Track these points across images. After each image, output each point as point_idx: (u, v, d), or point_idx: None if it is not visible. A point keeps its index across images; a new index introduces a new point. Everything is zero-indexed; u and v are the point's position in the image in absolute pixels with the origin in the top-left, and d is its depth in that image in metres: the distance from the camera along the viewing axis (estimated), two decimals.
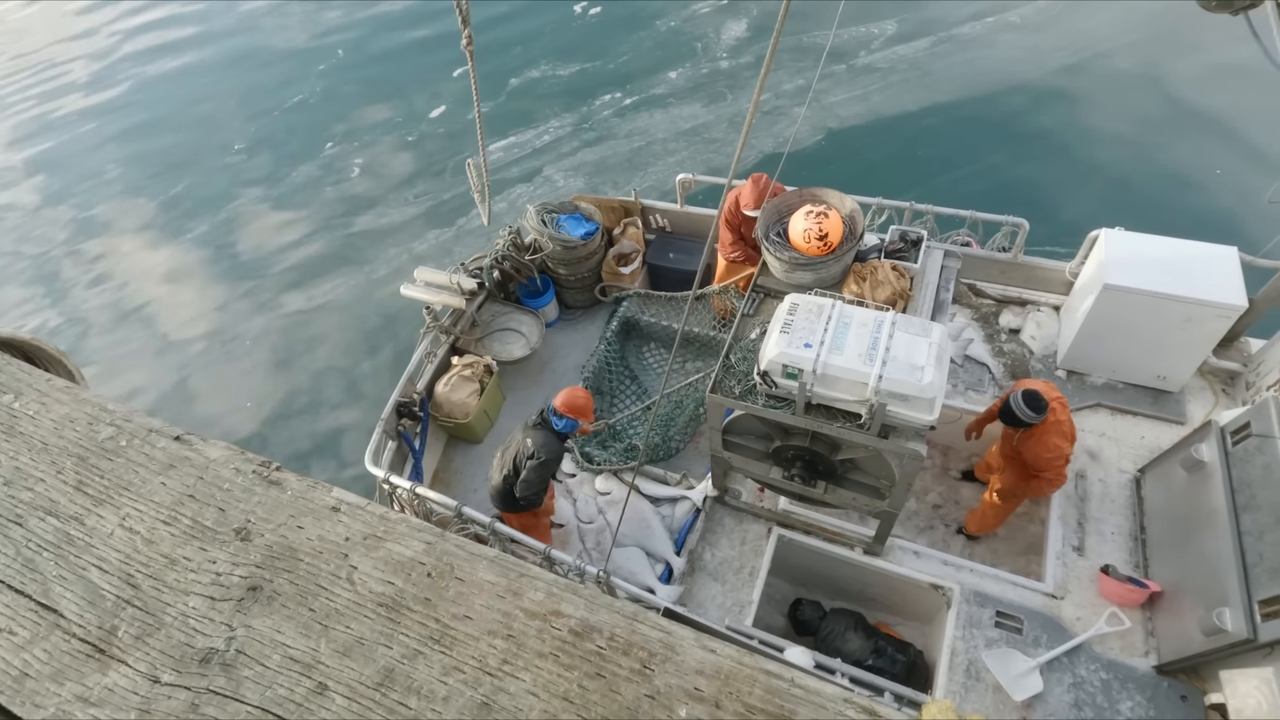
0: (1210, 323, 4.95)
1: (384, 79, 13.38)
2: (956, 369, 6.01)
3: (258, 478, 1.08)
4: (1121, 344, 5.38)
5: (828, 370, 3.82)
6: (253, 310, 10.19)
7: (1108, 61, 10.87)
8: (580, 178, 10.62)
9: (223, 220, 11.57)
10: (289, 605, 0.93)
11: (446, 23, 14.05)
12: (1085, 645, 4.52)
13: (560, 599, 0.87)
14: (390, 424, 5.75)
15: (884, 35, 11.84)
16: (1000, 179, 9.49)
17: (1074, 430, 4.72)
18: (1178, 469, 4.67)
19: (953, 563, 4.99)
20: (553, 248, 6.52)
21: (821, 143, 10.29)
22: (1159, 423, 5.49)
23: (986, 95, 10.62)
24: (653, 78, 11.96)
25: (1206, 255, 5.07)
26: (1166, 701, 4.27)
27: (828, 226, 4.49)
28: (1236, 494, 4.11)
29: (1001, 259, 6.14)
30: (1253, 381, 5.41)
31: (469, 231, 10.32)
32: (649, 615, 0.85)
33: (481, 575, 0.91)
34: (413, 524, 0.99)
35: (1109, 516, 5.10)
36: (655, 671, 0.80)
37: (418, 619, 0.88)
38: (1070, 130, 10.10)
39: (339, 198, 11.48)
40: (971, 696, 4.49)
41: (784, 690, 0.77)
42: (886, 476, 4.27)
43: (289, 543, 0.99)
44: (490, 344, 6.60)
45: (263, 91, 13.76)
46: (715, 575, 5.24)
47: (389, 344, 9.24)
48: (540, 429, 4.96)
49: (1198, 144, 9.57)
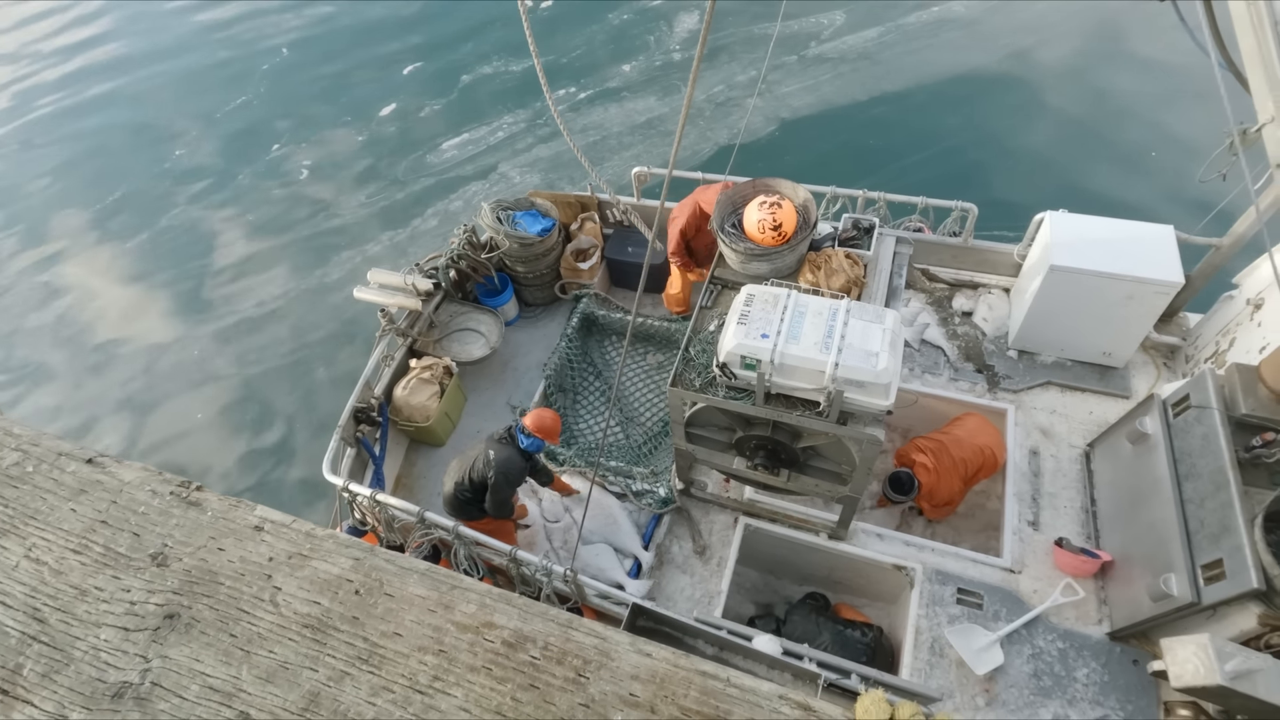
0: (1150, 299, 5.13)
1: (331, 77, 13.03)
2: (913, 353, 6.12)
3: (176, 499, 1.03)
4: (1069, 323, 5.54)
5: (785, 360, 3.84)
6: (198, 319, 9.85)
7: (1048, 49, 11.17)
8: (536, 174, 10.51)
9: (164, 228, 11.15)
10: (209, 632, 0.88)
11: (395, 19, 13.76)
12: (1042, 617, 4.66)
13: (493, 610, 0.85)
14: (348, 430, 5.61)
15: (833, 26, 11.96)
16: (949, 165, 9.69)
17: (980, 461, 5.05)
18: (1124, 442, 4.83)
19: (914, 543, 5.09)
20: (509, 245, 6.43)
21: (775, 133, 10.36)
22: (1106, 398, 5.67)
23: (933, 84, 10.82)
24: (606, 71, 11.89)
25: (1145, 235, 5.25)
26: (1119, 666, 4.44)
27: (781, 216, 4.51)
28: (1178, 464, 4.27)
29: (952, 244, 6.27)
30: (1191, 355, 5.63)
31: (424, 232, 10.14)
32: (583, 622, 0.83)
33: (412, 590, 0.88)
34: (340, 540, 0.95)
35: (1061, 491, 5.25)
36: (590, 679, 0.78)
37: (345, 639, 0.85)
38: (1014, 116, 10.36)
39: (287, 200, 11.16)
40: (936, 673, 4.59)
41: (719, 691, 0.76)
42: (847, 462, 4.32)
43: (209, 566, 0.94)
44: (449, 345, 6.49)
45: (203, 93, 13.28)
46: (683, 568, 5.25)
47: (344, 349, 9.03)
48: (505, 444, 4.91)
49: (1133, 127, 9.91)
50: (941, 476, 4.99)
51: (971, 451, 5.06)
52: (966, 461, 5.03)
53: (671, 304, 6.66)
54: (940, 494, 5.04)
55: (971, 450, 5.06)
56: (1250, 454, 3.92)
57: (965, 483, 5.11)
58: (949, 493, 5.05)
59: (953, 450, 5.05)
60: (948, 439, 5.16)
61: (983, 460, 5.08)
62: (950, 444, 5.09)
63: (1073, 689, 4.41)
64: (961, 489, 5.12)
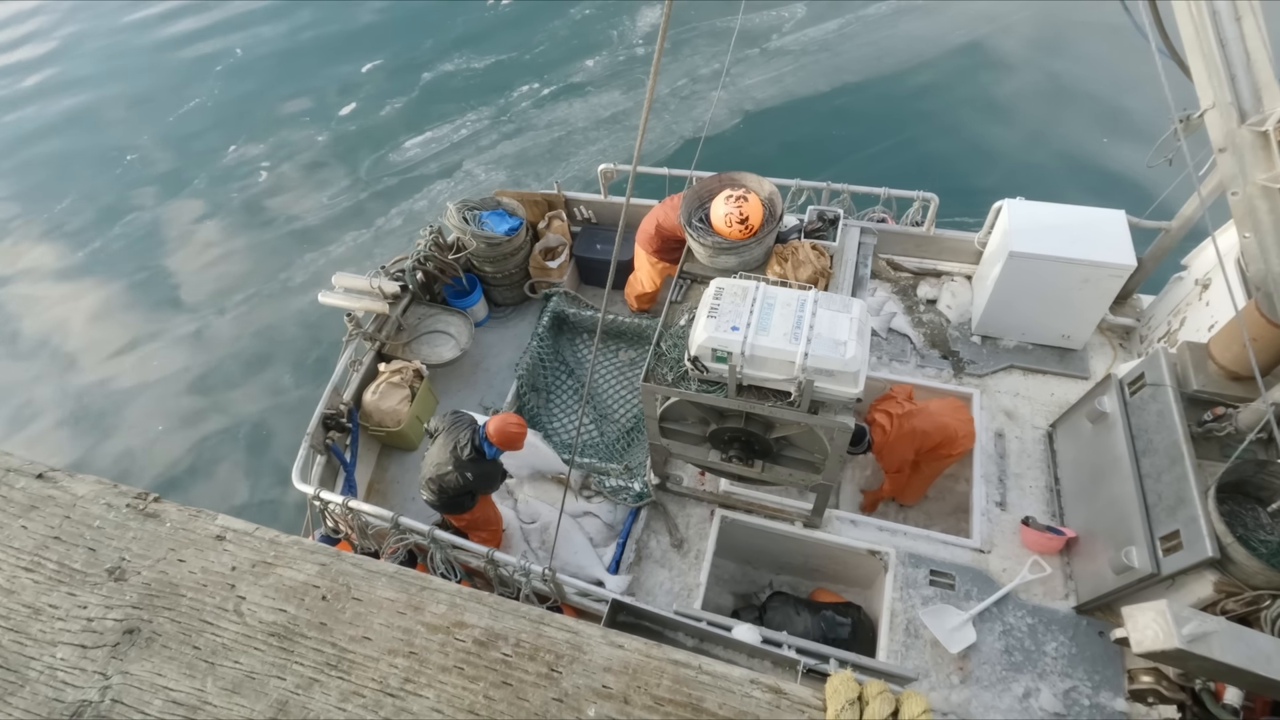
0: (1105, 282, 5.28)
1: (289, 77, 12.74)
2: (881, 342, 6.22)
3: (133, 511, 1.00)
4: (1029, 307, 5.68)
5: (756, 351, 3.88)
6: (155, 328, 9.56)
7: (1004, 38, 11.41)
8: (501, 171, 10.42)
9: (117, 235, 10.81)
10: (170, 645, 0.86)
11: (352, 16, 13.49)
12: (1012, 594, 4.78)
13: (464, 609, 0.84)
14: (317, 438, 5.51)
15: (795, 18, 12.06)
16: (910, 155, 9.86)
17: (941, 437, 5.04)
18: (1084, 421, 4.98)
19: (888, 528, 5.18)
20: (476, 245, 6.37)
21: (739, 125, 10.42)
22: (1066, 379, 5.83)
23: (894, 74, 10.98)
24: (570, 67, 11.83)
25: (1098, 219, 5.40)
26: (1086, 638, 4.58)
27: (748, 210, 4.55)
28: (1136, 440, 4.41)
29: (915, 233, 6.37)
30: (1145, 335, 5.81)
31: (388, 232, 9.99)
32: (555, 617, 0.83)
33: (380, 593, 0.87)
34: (305, 546, 0.94)
35: (1027, 471, 5.39)
36: (563, 673, 0.78)
37: (313, 645, 0.83)
38: (972, 104, 10.57)
39: (246, 203, 10.90)
40: (912, 654, 4.69)
41: (691, 678, 0.77)
42: (820, 451, 4.38)
43: (169, 578, 0.92)
44: (418, 348, 6.41)
45: (153, 96, 12.88)
46: (662, 562, 5.27)
47: (310, 354, 8.85)
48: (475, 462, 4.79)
49: (1086, 113, 10.18)
50: (893, 442, 4.95)
51: (932, 426, 5.00)
52: (926, 434, 4.98)
53: (643, 302, 6.61)
54: (888, 458, 5.01)
55: (933, 425, 5.01)
56: (1203, 428, 4.07)
57: (918, 455, 5.07)
58: (898, 459, 5.01)
59: (914, 420, 5.00)
60: (914, 408, 5.12)
61: (942, 437, 5.03)
62: (915, 413, 5.06)
63: (1043, 662, 4.54)
64: (913, 461, 5.07)
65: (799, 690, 0.77)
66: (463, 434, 4.81)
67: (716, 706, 0.75)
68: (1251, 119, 3.26)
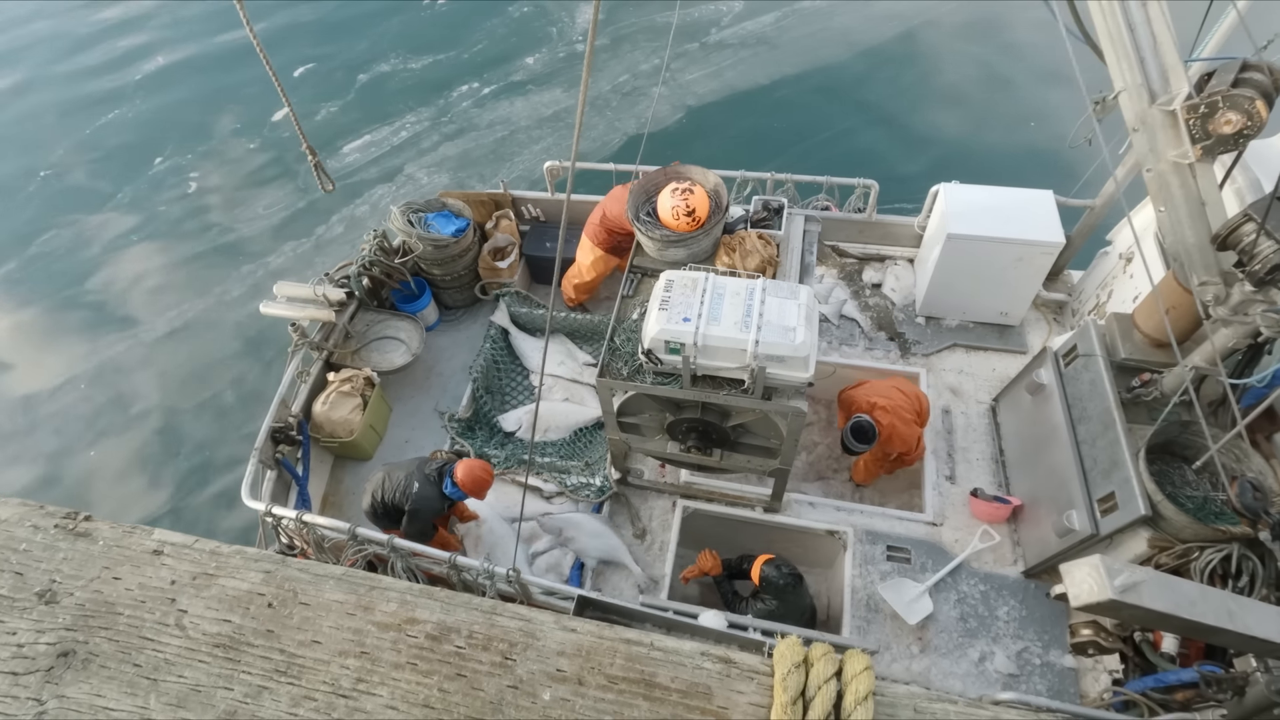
0: (1037, 260, 5.52)
1: (216, 83, 12.25)
2: (831, 327, 6.36)
3: (62, 532, 0.96)
4: (968, 287, 5.89)
5: (708, 341, 3.93)
6: (83, 350, 9.07)
7: (935, 29, 11.77)
8: (444, 173, 10.25)
9: (34, 255, 10.21)
10: (109, 665, 0.83)
11: (281, 17, 13.05)
12: (965, 563, 4.96)
13: (415, 605, 0.84)
14: (266, 452, 5.34)
15: (732, 12, 12.19)
16: (850, 144, 10.09)
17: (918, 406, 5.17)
18: (1024, 394, 5.20)
19: (845, 508, 5.31)
20: (423, 248, 6.25)
21: (683, 120, 10.49)
22: (1006, 354, 6.07)
23: (830, 66, 11.22)
24: (510, 65, 11.70)
25: (1028, 200, 5.63)
26: (1035, 601, 4.80)
27: (694, 202, 4.59)
28: (1072, 409, 4.62)
29: (858, 219, 6.54)
30: (1076, 309, 6.09)
31: (329, 240, 9.72)
32: (507, 606, 0.83)
33: (328, 596, 0.86)
34: (249, 555, 0.92)
35: (973, 444, 5.60)
36: (517, 661, 0.79)
37: (260, 653, 0.82)
38: (906, 93, 10.89)
39: (176, 216, 10.45)
40: (873, 628, 4.82)
41: (644, 655, 0.78)
42: (776, 436, 4.46)
43: (104, 597, 0.89)
44: (368, 355, 6.27)
45: (68, 107, 12.21)
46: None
47: (253, 368, 8.55)
48: (430, 483, 4.83)
49: (1014, 98, 10.59)
50: (898, 421, 5.01)
51: (912, 396, 5.19)
52: (917, 410, 5.14)
53: (581, 292, 6.55)
54: (897, 441, 5.02)
55: (912, 395, 5.19)
56: (1131, 394, 4.29)
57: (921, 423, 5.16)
58: (909, 438, 5.03)
59: (898, 397, 5.12)
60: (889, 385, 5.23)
61: (921, 406, 5.21)
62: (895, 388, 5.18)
63: (996, 627, 4.73)
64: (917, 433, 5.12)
65: (748, 658, 0.79)
66: (440, 461, 4.95)
67: (669, 680, 0.77)
68: (1160, 99, 3.44)
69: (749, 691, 0.79)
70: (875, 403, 5.06)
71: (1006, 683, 4.50)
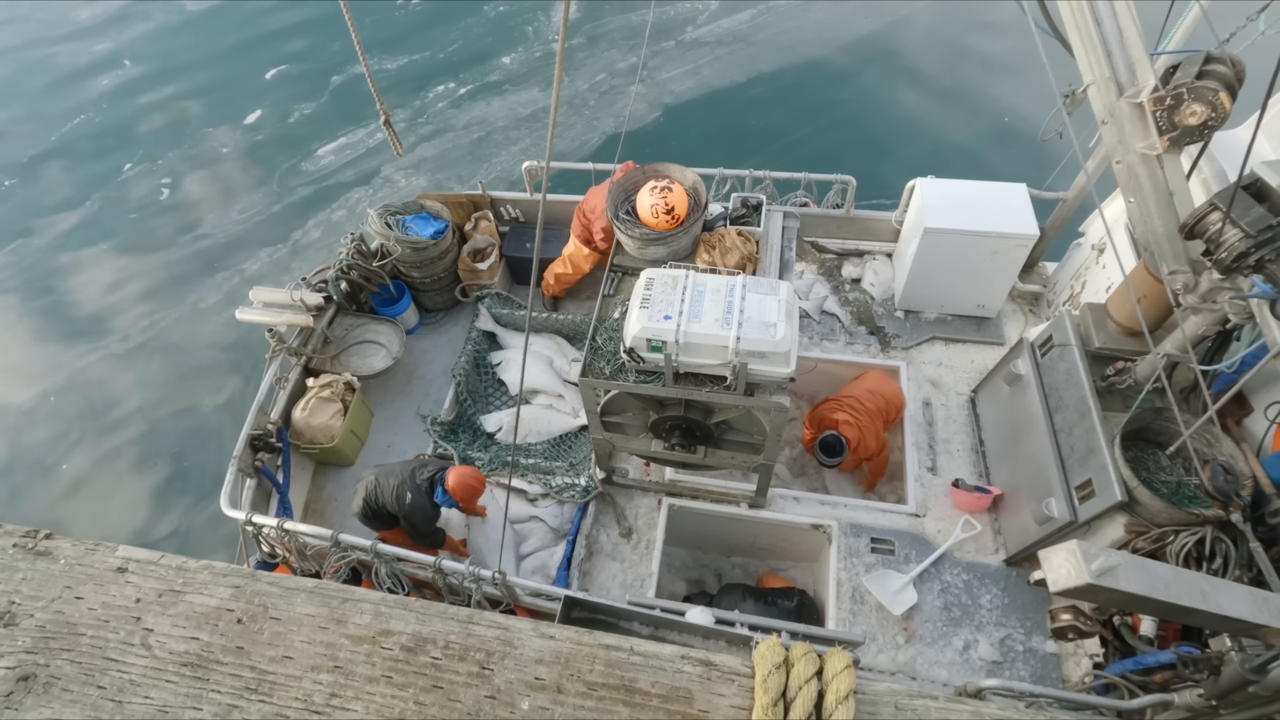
0: (1012, 252, 5.59)
1: (186, 87, 12.03)
2: (811, 323, 6.39)
3: (21, 551, 0.93)
4: (946, 280, 5.95)
5: (689, 338, 3.92)
6: (53, 361, 8.86)
7: (909, 25, 11.87)
8: (422, 176, 10.15)
9: (1, 265, 9.97)
10: (72, 688, 0.81)
11: (252, 20, 12.85)
12: (948, 553, 5.01)
13: (389, 617, 0.82)
14: (245, 461, 5.26)
15: (708, 10, 12.20)
16: (827, 140, 10.15)
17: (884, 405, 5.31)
18: (1002, 384, 5.26)
19: (829, 502, 5.34)
20: (402, 251, 6.19)
21: (660, 119, 10.49)
22: (984, 346, 6.14)
23: (806, 63, 11.27)
24: (486, 65, 11.62)
25: (1002, 193, 5.70)
26: (1017, 588, 4.86)
27: (673, 200, 4.59)
28: (1049, 398, 4.69)
29: (836, 215, 6.58)
30: (1051, 300, 6.18)
31: (306, 245, 9.58)
32: (484, 615, 0.82)
33: (300, 610, 0.84)
34: (217, 570, 0.89)
35: (954, 435, 5.65)
36: (494, 670, 0.77)
37: (229, 671, 0.80)
38: (881, 89, 10.97)
39: (148, 223, 10.24)
40: (859, 620, 4.86)
41: (623, 661, 0.77)
42: (759, 432, 4.47)
43: (66, 617, 0.86)
44: (348, 359, 6.19)
45: (31, 113, 11.93)
46: (613, 555, 5.28)
47: (230, 376, 8.42)
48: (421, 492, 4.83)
49: (988, 93, 10.71)
50: (864, 428, 5.19)
51: (882, 400, 5.34)
52: (884, 411, 5.31)
53: (561, 281, 6.50)
54: (868, 445, 5.22)
55: (881, 399, 5.34)
56: (1106, 382, 4.36)
57: (887, 427, 5.36)
58: (877, 442, 5.24)
59: (866, 402, 5.29)
60: (858, 392, 5.39)
61: (891, 406, 5.39)
62: (862, 396, 5.33)
63: (979, 615, 4.79)
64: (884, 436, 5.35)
65: (728, 660, 0.79)
66: (431, 468, 4.92)
67: (649, 685, 0.76)
68: (1128, 92, 3.50)
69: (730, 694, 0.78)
70: (837, 419, 5.23)
71: (991, 670, 4.56)
